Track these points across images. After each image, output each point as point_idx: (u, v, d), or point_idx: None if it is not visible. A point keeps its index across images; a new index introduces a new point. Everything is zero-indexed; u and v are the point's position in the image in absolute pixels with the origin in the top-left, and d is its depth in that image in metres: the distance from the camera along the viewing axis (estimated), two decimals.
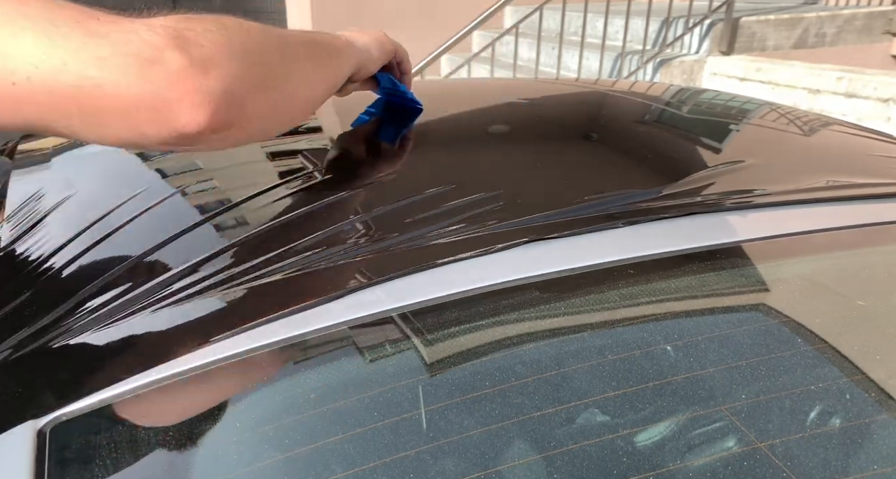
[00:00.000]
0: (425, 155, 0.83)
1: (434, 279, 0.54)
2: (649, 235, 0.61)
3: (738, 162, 0.75)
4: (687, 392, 0.50)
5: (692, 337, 0.54)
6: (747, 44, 3.86)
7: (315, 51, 0.67)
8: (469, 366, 0.51)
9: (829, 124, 1.00)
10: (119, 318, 0.52)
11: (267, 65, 0.56)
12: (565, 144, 0.88)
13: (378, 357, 0.51)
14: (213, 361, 0.48)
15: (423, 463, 0.44)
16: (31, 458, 0.42)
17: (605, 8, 3.65)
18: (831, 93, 3.27)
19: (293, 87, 0.61)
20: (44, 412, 0.45)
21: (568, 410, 0.48)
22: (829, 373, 0.54)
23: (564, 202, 0.63)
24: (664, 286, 0.58)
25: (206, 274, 0.55)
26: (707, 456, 0.47)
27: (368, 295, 0.52)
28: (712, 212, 0.65)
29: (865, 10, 4.20)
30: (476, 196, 0.64)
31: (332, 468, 0.43)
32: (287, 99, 0.60)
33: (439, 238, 0.58)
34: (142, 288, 0.54)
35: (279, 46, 0.59)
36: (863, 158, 0.84)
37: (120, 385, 0.46)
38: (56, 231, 0.68)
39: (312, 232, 0.60)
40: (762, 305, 0.60)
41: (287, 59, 0.60)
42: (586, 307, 0.56)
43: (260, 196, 0.69)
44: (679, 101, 1.17)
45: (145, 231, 0.65)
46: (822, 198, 0.69)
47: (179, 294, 0.53)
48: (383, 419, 0.46)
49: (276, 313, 0.51)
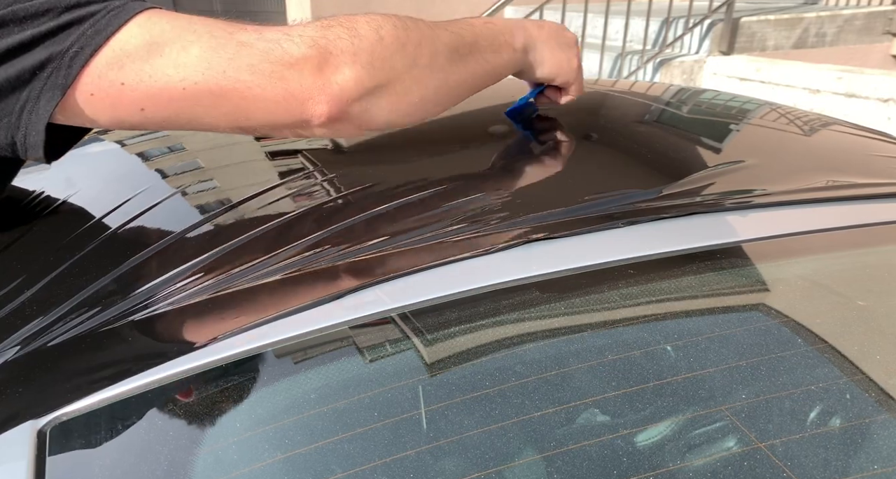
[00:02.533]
0: (425, 155, 0.83)
1: (434, 279, 0.54)
2: (649, 236, 0.61)
3: (737, 162, 0.75)
4: (687, 392, 0.50)
5: (692, 337, 0.54)
6: (747, 44, 3.86)
7: (462, 56, 0.70)
8: (469, 366, 0.51)
9: (829, 124, 1.00)
10: (119, 318, 0.52)
11: (393, 70, 0.64)
12: (565, 144, 0.88)
13: (378, 357, 0.51)
14: (213, 361, 0.48)
15: (423, 463, 0.44)
16: (31, 458, 0.42)
17: (605, 8, 3.65)
18: (831, 93, 3.26)
19: (421, 90, 0.67)
20: (44, 412, 0.45)
21: (568, 410, 0.48)
22: (829, 373, 0.54)
23: (564, 202, 0.63)
24: (664, 286, 0.58)
25: (206, 274, 0.55)
26: (707, 456, 0.47)
27: (368, 295, 0.52)
28: (712, 212, 0.65)
29: (865, 10, 4.19)
30: (476, 196, 0.64)
31: (332, 468, 0.43)
32: (413, 100, 0.67)
33: (439, 238, 0.58)
34: (142, 288, 0.54)
35: (414, 54, 0.65)
36: (863, 158, 0.84)
37: (120, 385, 0.46)
38: (56, 231, 0.68)
39: (313, 232, 0.60)
40: (762, 305, 0.60)
41: (420, 65, 0.66)
42: (586, 307, 0.56)
43: (260, 196, 0.69)
44: (679, 101, 1.17)
45: (146, 231, 0.65)
46: (822, 198, 0.69)
47: (180, 294, 0.53)
48: (383, 419, 0.46)
49: (276, 313, 0.51)
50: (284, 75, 0.59)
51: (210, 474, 0.44)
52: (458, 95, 0.73)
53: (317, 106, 0.60)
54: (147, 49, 0.57)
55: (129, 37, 0.57)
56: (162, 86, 0.58)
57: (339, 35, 0.61)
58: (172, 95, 0.58)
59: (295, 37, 0.60)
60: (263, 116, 0.61)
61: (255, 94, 0.59)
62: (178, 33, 0.58)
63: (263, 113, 0.61)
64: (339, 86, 0.61)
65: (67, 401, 0.46)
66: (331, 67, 0.60)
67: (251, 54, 0.59)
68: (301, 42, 0.60)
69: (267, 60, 0.59)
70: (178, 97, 0.58)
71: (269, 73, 0.59)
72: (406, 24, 0.66)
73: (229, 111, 0.60)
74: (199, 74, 0.58)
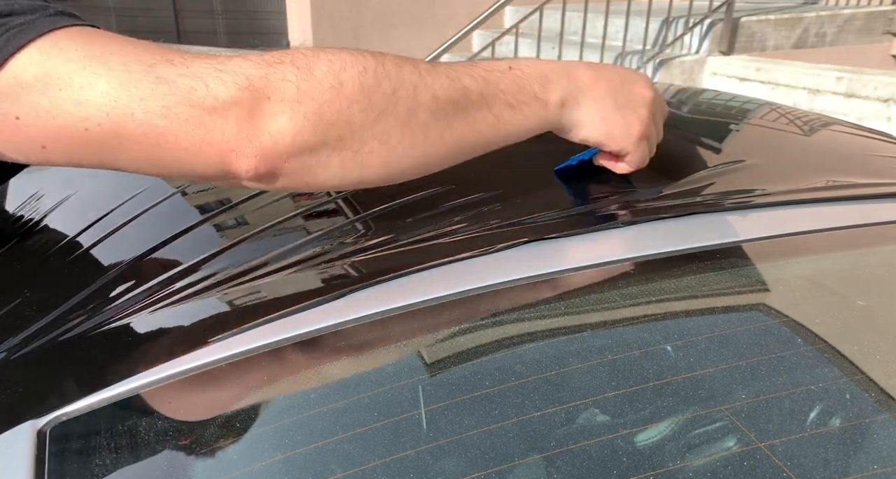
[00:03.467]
0: None
1: (435, 279, 0.54)
2: (649, 236, 0.61)
3: (738, 162, 0.75)
4: (687, 392, 0.50)
5: (692, 337, 0.54)
6: (747, 44, 3.86)
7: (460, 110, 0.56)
8: (469, 366, 0.51)
9: (829, 124, 1.00)
10: (119, 318, 0.52)
11: (350, 125, 0.52)
12: (565, 143, 0.88)
13: (378, 357, 0.51)
14: (213, 361, 0.48)
15: (423, 463, 0.44)
16: (31, 458, 0.42)
17: (606, 8, 3.65)
18: (831, 93, 3.26)
19: (389, 150, 0.54)
20: (44, 412, 0.45)
21: (568, 410, 0.48)
22: (829, 373, 0.54)
23: (565, 202, 0.63)
24: (664, 286, 0.58)
25: (206, 274, 0.55)
26: (707, 456, 0.47)
27: (368, 295, 0.52)
28: (712, 212, 0.65)
29: (865, 10, 4.19)
30: (476, 196, 0.64)
31: (331, 469, 0.43)
32: (375, 162, 0.54)
33: (439, 238, 0.58)
34: (142, 288, 0.54)
35: (383, 106, 0.53)
36: (863, 158, 0.84)
37: (120, 385, 0.46)
38: (56, 231, 0.68)
39: (313, 231, 0.60)
40: (762, 305, 0.60)
41: (389, 121, 0.53)
42: (586, 307, 0.56)
43: (260, 196, 0.69)
44: (679, 101, 1.17)
45: (145, 231, 0.65)
46: (822, 198, 0.69)
47: (179, 294, 0.53)
48: (383, 419, 0.46)
49: (276, 313, 0.51)
50: (204, 122, 0.49)
51: (210, 474, 0.44)
52: (449, 156, 0.58)
53: (242, 159, 0.50)
54: (45, 80, 0.48)
55: (28, 64, 0.48)
56: (61, 124, 0.49)
57: (284, 75, 0.50)
58: (74, 137, 0.49)
59: (227, 74, 0.49)
60: (181, 166, 0.51)
61: (169, 141, 0.49)
62: (85, 63, 0.48)
63: (180, 163, 0.51)
64: (271, 137, 0.50)
65: (67, 401, 0.46)
66: (264, 115, 0.49)
67: (168, 94, 0.49)
68: (233, 81, 0.49)
69: (185, 103, 0.49)
70: (80, 139, 0.49)
71: (185, 118, 0.49)
72: (384, 69, 0.53)
73: (141, 158, 0.51)
74: (102, 115, 0.48)
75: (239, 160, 0.50)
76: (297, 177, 0.52)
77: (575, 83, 0.61)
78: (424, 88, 0.54)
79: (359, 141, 0.52)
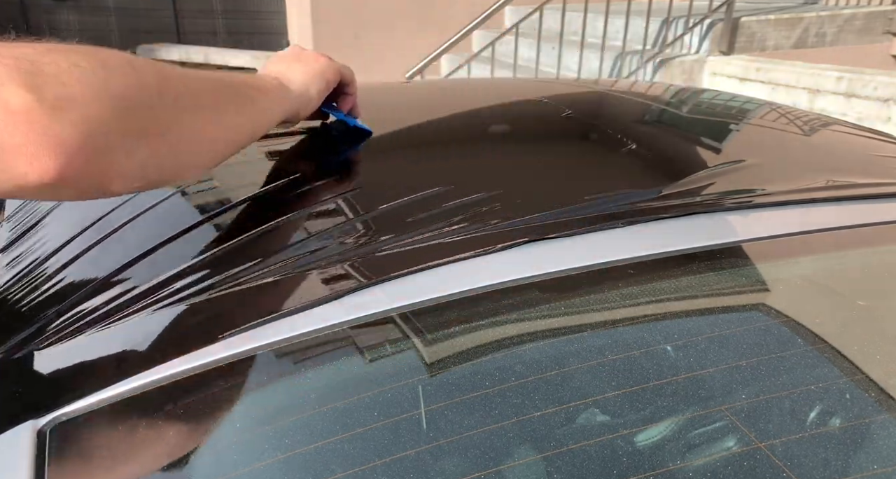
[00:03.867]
0: (425, 155, 0.83)
1: (434, 279, 0.54)
2: (649, 235, 0.61)
3: (738, 162, 0.75)
4: (687, 392, 0.50)
5: (692, 337, 0.54)
6: (747, 44, 3.86)
7: (226, 97, 0.59)
8: (469, 366, 0.51)
9: (829, 124, 1.00)
10: (119, 318, 0.52)
11: (149, 110, 0.49)
12: (565, 143, 0.88)
13: (378, 357, 0.51)
14: (212, 361, 0.48)
15: (423, 463, 0.44)
16: (31, 458, 0.42)
17: (606, 8, 3.65)
18: (831, 93, 3.26)
19: (188, 134, 0.54)
20: (44, 412, 0.45)
21: (568, 410, 0.48)
22: (829, 373, 0.54)
23: (564, 202, 0.63)
24: (664, 286, 0.58)
25: (206, 274, 0.55)
26: (707, 456, 0.47)
27: (368, 295, 0.52)
28: (712, 212, 0.65)
29: (865, 10, 4.19)
30: (476, 196, 0.64)
31: (332, 468, 0.43)
32: (179, 148, 0.53)
33: (439, 238, 0.58)
34: (141, 288, 0.54)
35: (172, 92, 0.52)
36: (863, 158, 0.84)
37: (120, 385, 0.46)
38: (55, 231, 0.68)
39: (313, 232, 0.60)
40: (762, 305, 0.60)
41: (180, 105, 0.52)
42: (586, 307, 0.56)
43: (260, 196, 0.69)
44: (679, 101, 1.17)
45: (145, 231, 0.65)
46: (822, 198, 0.69)
47: (179, 294, 0.53)
48: (383, 419, 0.46)
49: (276, 313, 0.51)
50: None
51: (210, 474, 0.44)
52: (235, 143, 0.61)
53: (34, 158, 0.43)
54: None
55: None
56: None
57: (76, 62, 0.45)
58: None
59: (6, 57, 0.43)
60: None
61: None
62: None
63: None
64: (75, 128, 0.44)
65: (67, 401, 0.46)
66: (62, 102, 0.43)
67: None
68: (15, 64, 0.42)
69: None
70: None
71: None
72: (155, 63, 0.52)
73: None
74: None
75: (35, 159, 0.43)
76: (103, 174, 0.47)
77: (291, 76, 0.72)
78: (197, 83, 0.55)
79: (157, 126, 0.50)
